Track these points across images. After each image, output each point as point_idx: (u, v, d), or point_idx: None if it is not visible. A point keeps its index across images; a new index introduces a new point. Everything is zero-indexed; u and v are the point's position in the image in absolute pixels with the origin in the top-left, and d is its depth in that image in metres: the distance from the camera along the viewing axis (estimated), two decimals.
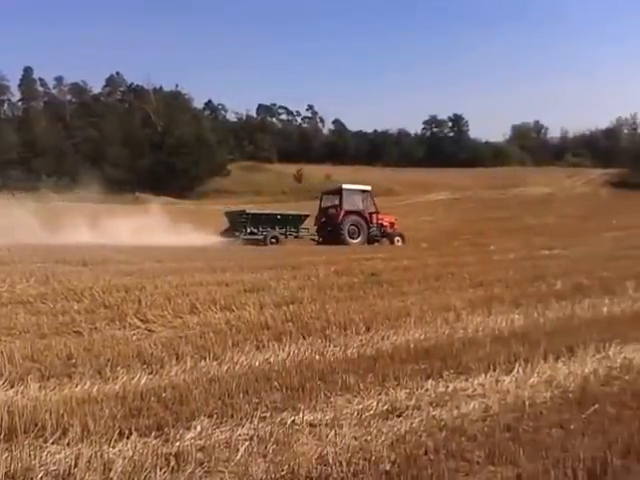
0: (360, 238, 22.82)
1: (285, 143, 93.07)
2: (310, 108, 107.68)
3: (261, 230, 22.55)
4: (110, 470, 3.28)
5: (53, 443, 3.63)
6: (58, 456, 3.43)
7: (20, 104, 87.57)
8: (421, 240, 23.80)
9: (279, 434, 3.80)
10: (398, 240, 23.55)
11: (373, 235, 23.52)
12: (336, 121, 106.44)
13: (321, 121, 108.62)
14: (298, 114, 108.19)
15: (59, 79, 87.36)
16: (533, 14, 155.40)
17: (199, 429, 3.85)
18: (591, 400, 4.28)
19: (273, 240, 22.39)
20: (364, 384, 4.78)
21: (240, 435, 3.79)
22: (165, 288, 8.92)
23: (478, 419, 4.07)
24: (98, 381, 4.92)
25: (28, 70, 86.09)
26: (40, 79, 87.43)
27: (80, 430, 3.77)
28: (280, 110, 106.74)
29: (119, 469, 3.29)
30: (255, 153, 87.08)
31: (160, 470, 3.29)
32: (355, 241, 22.64)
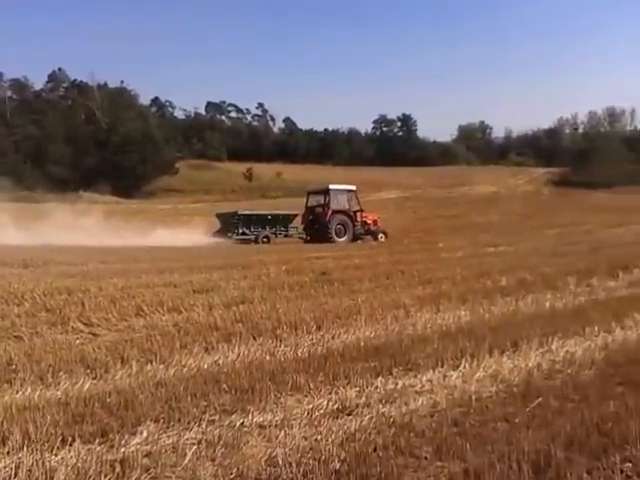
0: (346, 236, 23.65)
1: (235, 141, 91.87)
2: (260, 106, 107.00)
3: (252, 230, 23.24)
4: (52, 479, 3.18)
5: None
6: None
7: None
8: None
9: (228, 437, 3.75)
10: (381, 237, 24.49)
11: (358, 233, 24.37)
12: (287, 119, 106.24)
13: (271, 119, 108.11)
14: (248, 112, 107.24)
15: None
16: (480, 16, 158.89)
17: (145, 434, 3.76)
18: (535, 394, 4.37)
19: (265, 239, 23.13)
20: (314, 383, 4.78)
21: (188, 439, 3.72)
22: (110, 290, 8.73)
23: (426, 415, 4.11)
24: (39, 387, 4.77)
25: None
26: None
27: (21, 438, 3.64)
28: (230, 108, 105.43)
29: (62, 477, 3.19)
30: (204, 151, 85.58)
31: (105, 477, 3.20)
32: (342, 239, 23.41)
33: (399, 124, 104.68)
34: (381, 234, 24.73)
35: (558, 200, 51.78)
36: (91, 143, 71.15)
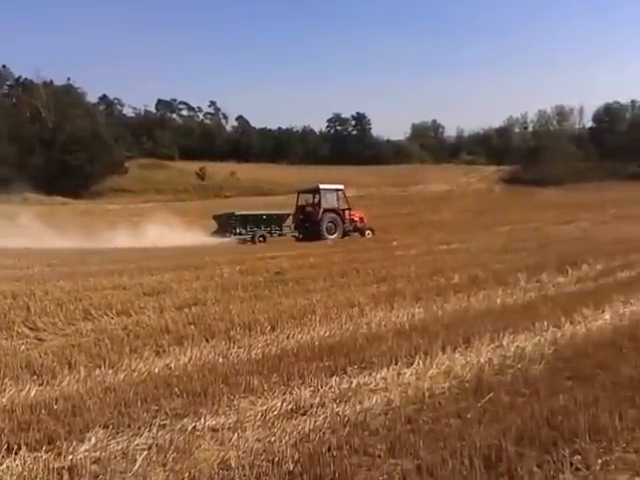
0: (337, 234, 24.57)
1: (186, 140, 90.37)
2: (212, 104, 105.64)
3: (249, 230, 23.83)
4: None
5: None
6: None
7: None
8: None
9: (179, 441, 3.69)
10: (369, 233, 25.41)
11: (347, 230, 25.29)
12: (240, 118, 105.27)
13: (224, 118, 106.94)
14: (200, 110, 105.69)
15: None
16: (433, 15, 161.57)
17: (94, 441, 3.69)
18: (486, 389, 4.43)
19: (261, 239, 23.77)
20: (268, 384, 4.74)
21: (138, 445, 3.66)
22: (56, 294, 8.49)
23: (380, 413, 4.12)
24: None
25: None
26: None
27: None
28: (181, 106, 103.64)
29: None
30: (155, 150, 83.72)
31: None
32: (332, 236, 24.20)
33: (353, 123, 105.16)
34: (368, 230, 25.69)
35: (509, 198, 53.10)
36: (37, 142, 68.82)
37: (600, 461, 3.24)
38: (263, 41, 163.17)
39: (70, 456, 3.47)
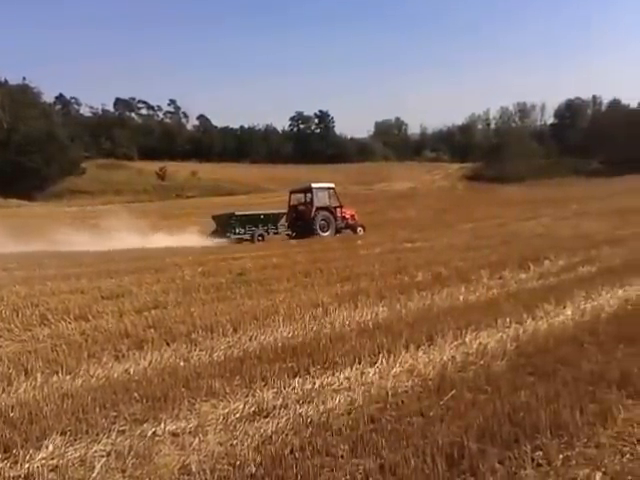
0: (330, 231, 25.10)
1: (146, 140, 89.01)
2: (172, 103, 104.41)
3: (247, 229, 24.16)
4: None
5: None
6: None
7: None
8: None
9: (139, 447, 3.65)
10: (360, 230, 25.92)
11: (339, 227, 25.82)
12: (201, 117, 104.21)
13: (185, 116, 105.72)
14: (159, 109, 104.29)
15: None
16: (396, 12, 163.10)
17: (51, 448, 3.63)
18: (449, 386, 4.44)
19: (260, 238, 24.13)
20: (230, 387, 4.68)
21: (96, 451, 3.61)
22: (12, 299, 8.28)
23: (343, 413, 4.10)
24: None
25: None
26: None
27: None
28: (140, 105, 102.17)
29: None
30: (113, 150, 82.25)
31: None
32: (326, 234, 24.77)
33: (316, 121, 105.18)
34: (360, 227, 26.25)
35: (472, 195, 53.84)
36: None
37: (561, 456, 3.28)
38: (224, 38, 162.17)
39: (27, 464, 3.42)
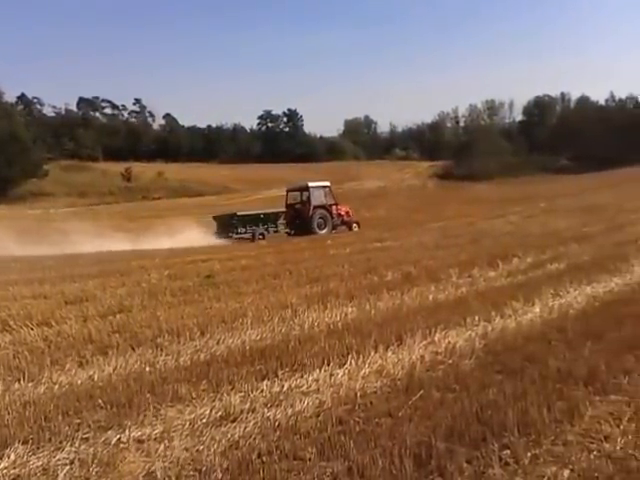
0: (327, 228, 25.97)
1: (111, 140, 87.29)
2: (138, 102, 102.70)
3: (248, 229, 24.62)
4: None
5: None
6: None
7: None
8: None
9: (103, 454, 3.58)
10: (355, 226, 27.00)
11: (335, 224, 26.63)
12: (167, 116, 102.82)
13: (151, 116, 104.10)
14: (124, 108, 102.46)
15: None
16: (365, 9, 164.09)
17: (13, 457, 3.55)
18: (417, 386, 4.44)
19: (260, 236, 24.56)
20: (197, 392, 4.61)
21: (59, 460, 3.54)
22: None
23: (312, 415, 4.06)
24: None
25: None
26: None
27: None
28: (104, 104, 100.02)
29: None
30: (77, 151, 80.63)
31: None
32: (323, 231, 25.64)
33: (285, 120, 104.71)
34: (355, 224, 27.19)
35: (442, 193, 54.36)
36: None
37: (529, 454, 3.28)
38: (188, 37, 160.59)
39: None
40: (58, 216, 39.08)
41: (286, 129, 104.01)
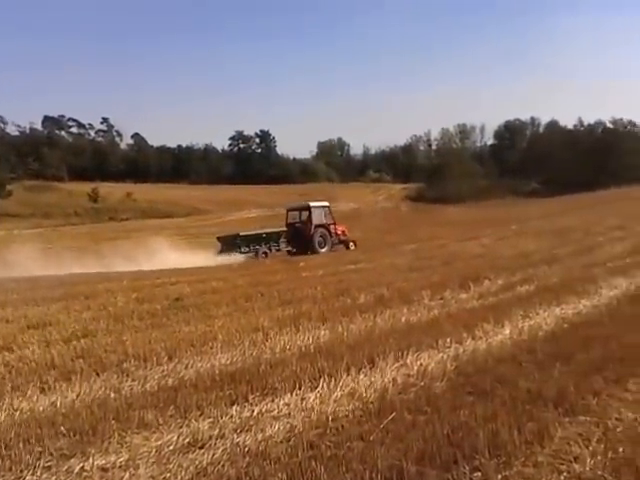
0: (327, 247, 26.62)
1: (77, 159, 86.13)
2: (105, 121, 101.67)
3: (251, 248, 24.91)
4: None
5: None
6: None
7: None
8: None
9: None
10: (352, 245, 27.65)
11: (333, 243, 27.26)
12: (135, 135, 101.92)
13: (118, 135, 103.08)
14: (91, 127, 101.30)
15: None
16: (336, 29, 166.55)
17: None
18: (389, 409, 4.39)
19: (264, 255, 24.87)
20: (164, 418, 4.50)
21: None
22: None
23: (282, 440, 3.99)
24: None
25: None
26: None
27: None
28: (70, 123, 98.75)
29: None
30: (42, 171, 79.01)
31: None
32: (323, 250, 26.29)
33: (257, 141, 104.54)
34: (351, 243, 27.87)
35: (415, 216, 54.77)
36: None
37: (500, 476, 3.27)
38: (157, 55, 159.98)
39: None
40: (21, 237, 38.18)
41: (258, 150, 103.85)
